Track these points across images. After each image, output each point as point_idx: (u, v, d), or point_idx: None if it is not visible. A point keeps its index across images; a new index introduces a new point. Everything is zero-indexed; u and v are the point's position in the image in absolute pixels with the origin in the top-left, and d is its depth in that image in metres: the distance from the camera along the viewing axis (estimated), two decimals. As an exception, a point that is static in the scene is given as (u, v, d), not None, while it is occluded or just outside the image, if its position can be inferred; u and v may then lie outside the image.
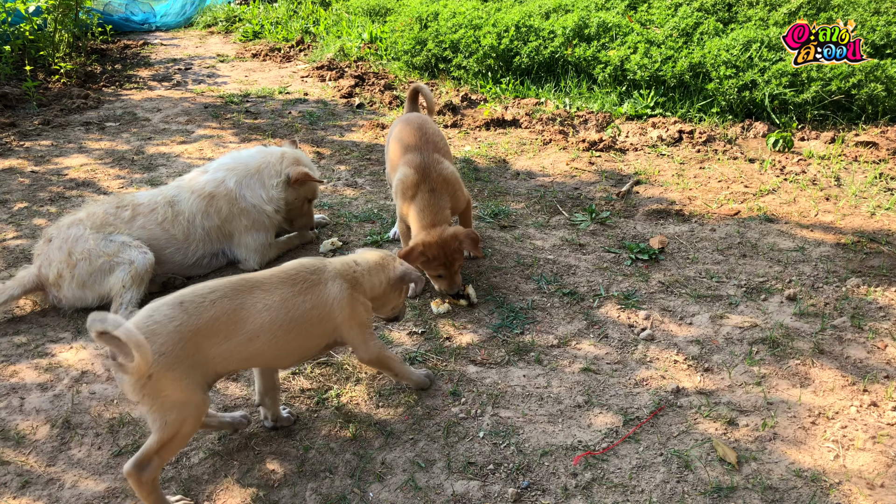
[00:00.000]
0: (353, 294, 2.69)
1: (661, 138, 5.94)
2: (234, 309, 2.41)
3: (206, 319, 2.34)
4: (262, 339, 2.45)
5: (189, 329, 2.30)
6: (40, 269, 3.65)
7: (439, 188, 3.70)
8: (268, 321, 2.45)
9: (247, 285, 2.50)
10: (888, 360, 3.19)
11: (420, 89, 4.55)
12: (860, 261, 4.02)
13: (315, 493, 2.54)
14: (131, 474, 2.30)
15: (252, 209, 4.02)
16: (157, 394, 2.25)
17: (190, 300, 2.36)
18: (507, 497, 2.51)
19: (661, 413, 2.91)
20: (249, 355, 2.47)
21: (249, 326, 2.42)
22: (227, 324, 2.38)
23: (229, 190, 3.99)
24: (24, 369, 3.25)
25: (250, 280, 2.53)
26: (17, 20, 8.19)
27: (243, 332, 2.41)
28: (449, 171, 3.80)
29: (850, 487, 2.52)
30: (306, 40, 10.48)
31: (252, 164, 4.09)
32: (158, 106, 7.44)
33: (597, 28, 7.29)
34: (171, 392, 2.26)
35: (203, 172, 4.08)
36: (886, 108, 5.96)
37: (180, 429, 2.31)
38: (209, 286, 2.45)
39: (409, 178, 3.72)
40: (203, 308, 2.35)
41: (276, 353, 2.53)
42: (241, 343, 2.41)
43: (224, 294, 2.42)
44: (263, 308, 2.46)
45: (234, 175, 4.03)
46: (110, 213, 3.81)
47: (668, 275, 3.95)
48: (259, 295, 2.48)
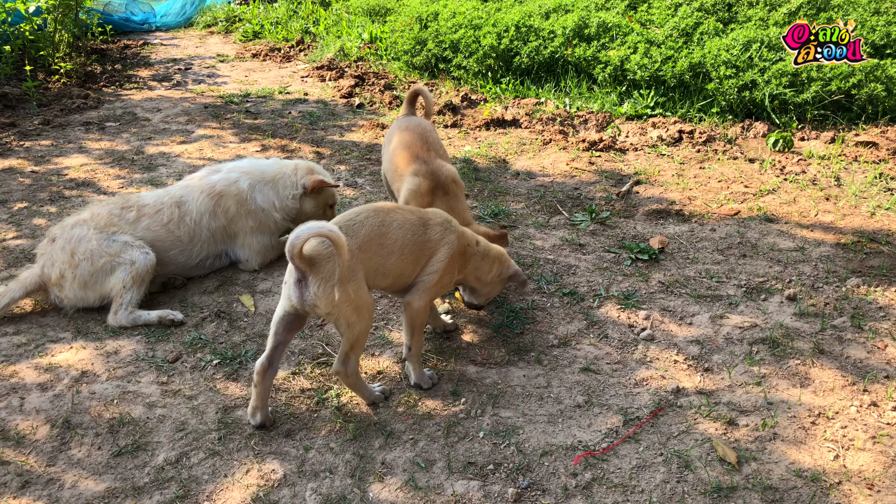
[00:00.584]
0: (454, 256, 3.03)
1: (661, 138, 5.94)
2: (378, 225, 2.84)
3: (362, 236, 2.77)
4: (396, 255, 2.86)
5: (354, 246, 2.72)
6: (43, 269, 3.65)
7: (453, 191, 3.73)
8: (400, 238, 2.88)
9: (385, 208, 2.93)
10: (888, 360, 3.19)
11: (420, 91, 4.54)
12: (860, 261, 4.02)
13: (315, 493, 2.54)
14: (338, 372, 2.83)
15: (260, 212, 4.00)
16: (343, 303, 2.65)
17: (346, 226, 2.77)
18: (507, 497, 2.51)
19: (661, 413, 2.91)
20: (387, 270, 2.87)
21: (389, 242, 2.85)
22: (376, 238, 2.81)
23: (241, 190, 3.97)
24: (24, 369, 3.25)
25: (388, 204, 2.98)
26: (17, 20, 8.19)
27: (386, 247, 2.84)
28: (455, 172, 3.85)
29: (850, 487, 2.52)
30: (306, 40, 10.48)
31: (268, 171, 4.08)
32: (158, 106, 7.44)
33: (597, 28, 7.29)
34: (353, 300, 2.67)
35: (215, 172, 4.06)
36: (886, 108, 5.96)
37: (361, 327, 2.75)
38: (355, 210, 2.86)
39: (422, 186, 3.71)
40: (357, 228, 2.78)
41: (401, 269, 2.91)
42: (384, 256, 2.83)
43: (368, 215, 2.85)
44: (398, 226, 2.89)
45: (248, 178, 4.02)
46: (115, 213, 3.81)
47: (668, 275, 3.95)
48: (396, 215, 2.92)
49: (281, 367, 3.24)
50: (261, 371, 2.78)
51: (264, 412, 2.85)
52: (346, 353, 2.80)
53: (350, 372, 2.84)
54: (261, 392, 2.81)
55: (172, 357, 3.32)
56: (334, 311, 2.68)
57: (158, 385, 3.14)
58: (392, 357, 3.31)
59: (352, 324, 2.73)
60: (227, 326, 3.58)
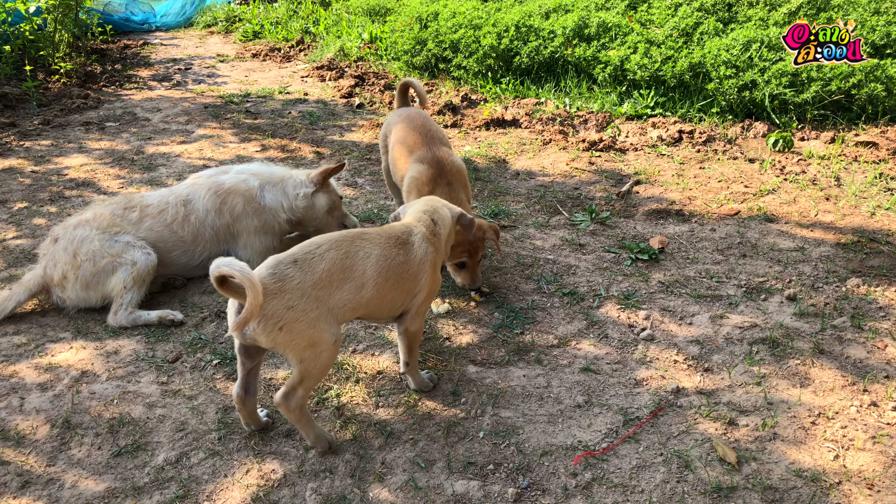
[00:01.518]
0: (436, 262, 2.88)
1: (661, 138, 5.94)
2: (341, 257, 2.60)
3: (319, 273, 2.52)
4: (369, 288, 2.63)
5: (308, 284, 2.49)
6: (45, 269, 3.65)
7: (455, 181, 3.73)
8: (371, 268, 2.64)
9: (350, 236, 2.69)
10: (888, 360, 3.19)
11: (411, 84, 4.53)
12: (860, 261, 4.02)
13: (315, 493, 2.54)
14: (279, 404, 2.58)
15: (266, 211, 3.99)
16: (289, 342, 2.46)
17: (301, 258, 2.54)
18: (507, 497, 2.51)
19: (661, 413, 2.91)
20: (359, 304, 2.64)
21: (357, 274, 2.61)
22: (339, 272, 2.57)
23: (250, 188, 3.96)
24: (24, 369, 3.25)
25: (354, 232, 2.74)
26: (17, 20, 8.19)
27: (353, 280, 2.60)
28: (459, 161, 3.85)
29: (850, 487, 2.52)
30: (306, 40, 10.48)
31: (277, 174, 4.09)
32: (158, 106, 7.44)
33: (597, 28, 7.29)
34: (301, 339, 2.47)
35: (223, 172, 4.05)
36: (886, 108, 5.96)
37: (316, 364, 2.53)
38: (315, 241, 2.62)
39: (423, 174, 3.71)
40: (314, 263, 2.54)
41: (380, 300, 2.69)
42: (353, 291, 2.60)
43: (329, 246, 2.60)
44: (364, 256, 2.65)
45: (257, 178, 4.02)
46: (117, 213, 3.80)
47: (668, 275, 3.95)
48: (361, 243, 2.68)
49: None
50: (239, 400, 2.72)
51: (258, 422, 2.82)
52: (293, 385, 2.57)
53: (293, 406, 2.59)
54: (246, 415, 2.77)
55: (172, 357, 3.32)
56: (279, 349, 2.49)
57: (158, 385, 3.14)
58: (392, 357, 3.30)
59: (304, 360, 2.51)
60: (227, 326, 3.58)
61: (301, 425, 2.67)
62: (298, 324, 2.45)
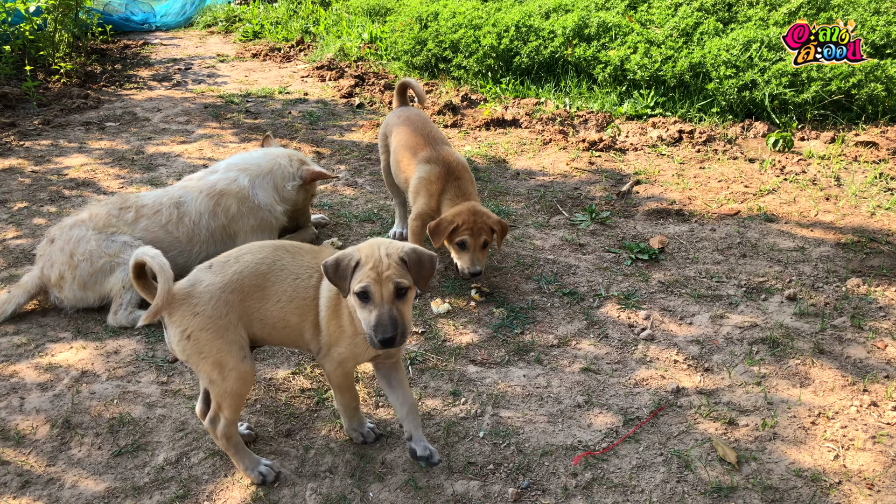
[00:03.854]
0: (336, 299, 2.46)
1: (661, 138, 5.94)
2: (257, 262, 2.44)
3: (230, 275, 2.39)
4: (273, 301, 2.43)
5: (217, 287, 2.36)
6: (42, 270, 3.65)
7: (462, 175, 3.83)
8: (281, 282, 2.44)
9: (281, 246, 2.55)
10: (888, 360, 3.19)
11: (409, 84, 4.56)
12: (860, 261, 4.02)
13: (315, 493, 2.54)
14: (209, 429, 2.51)
15: (262, 209, 4.00)
16: (197, 355, 2.34)
17: (217, 262, 2.45)
18: (507, 497, 2.51)
19: (661, 413, 2.91)
20: (265, 317, 2.44)
21: (268, 283, 2.43)
22: (250, 278, 2.41)
23: (242, 187, 3.97)
24: (24, 369, 3.25)
25: (286, 243, 2.59)
26: (17, 20, 8.19)
27: (264, 289, 2.42)
28: (462, 157, 3.95)
29: (850, 487, 2.52)
30: (306, 40, 10.48)
31: (264, 164, 4.09)
32: (158, 106, 7.44)
33: (597, 28, 7.29)
34: (209, 352, 2.33)
35: (212, 172, 4.06)
36: (886, 108, 5.96)
37: (224, 387, 2.36)
38: (243, 248, 2.51)
39: (432, 173, 3.80)
40: (227, 265, 2.42)
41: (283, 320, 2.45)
42: (260, 300, 2.43)
43: (248, 250, 2.48)
44: (280, 268, 2.46)
45: (246, 175, 4.02)
46: (113, 214, 3.80)
47: (668, 275, 3.95)
48: (283, 254, 2.50)
49: (280, 367, 3.24)
50: (201, 415, 2.62)
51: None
52: (214, 411, 2.45)
53: (219, 434, 2.46)
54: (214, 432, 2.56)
55: (172, 357, 3.32)
56: (191, 364, 2.38)
57: (158, 385, 3.14)
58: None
59: (213, 381, 2.36)
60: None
61: (231, 454, 2.52)
62: (205, 332, 2.31)
